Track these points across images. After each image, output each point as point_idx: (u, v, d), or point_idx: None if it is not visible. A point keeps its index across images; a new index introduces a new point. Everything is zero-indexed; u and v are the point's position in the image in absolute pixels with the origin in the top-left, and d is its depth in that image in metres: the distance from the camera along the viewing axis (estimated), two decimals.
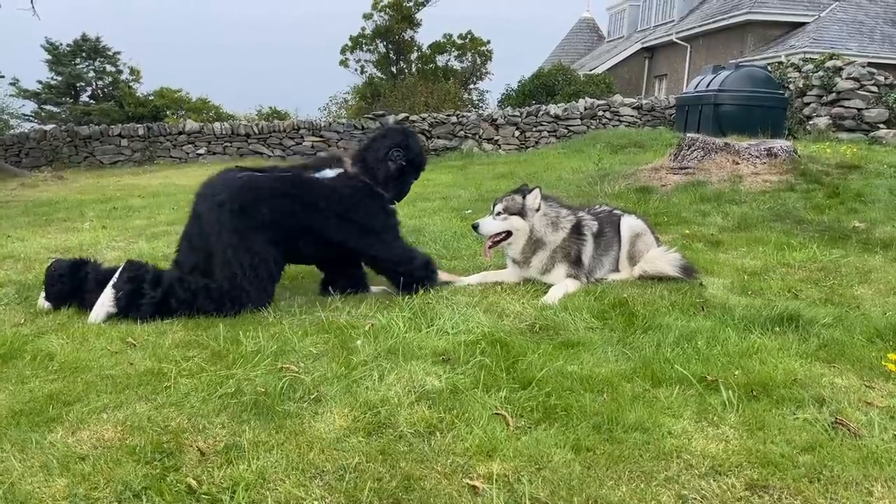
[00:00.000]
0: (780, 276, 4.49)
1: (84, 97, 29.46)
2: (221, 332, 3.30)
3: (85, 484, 2.03)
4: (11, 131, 19.85)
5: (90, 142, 16.47)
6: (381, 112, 17.43)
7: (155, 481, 2.03)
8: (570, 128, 16.02)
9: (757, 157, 7.91)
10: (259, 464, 2.13)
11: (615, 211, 4.72)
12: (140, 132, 16.53)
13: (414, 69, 29.88)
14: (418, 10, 29.50)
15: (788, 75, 14.72)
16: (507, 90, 21.74)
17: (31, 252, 5.60)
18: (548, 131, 16.05)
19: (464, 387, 2.68)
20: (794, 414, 2.48)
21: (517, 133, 16.12)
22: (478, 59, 30.18)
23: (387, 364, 2.89)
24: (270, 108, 27.81)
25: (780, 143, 8.28)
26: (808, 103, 13.93)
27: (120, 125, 17.30)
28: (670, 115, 15.75)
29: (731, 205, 6.76)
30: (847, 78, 13.28)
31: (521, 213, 4.22)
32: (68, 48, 28.50)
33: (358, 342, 3.16)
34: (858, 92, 13.18)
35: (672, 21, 27.64)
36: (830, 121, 13.19)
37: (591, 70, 26.07)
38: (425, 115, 16.86)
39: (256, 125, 16.77)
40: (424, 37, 30.78)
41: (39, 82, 28.14)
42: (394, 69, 30.14)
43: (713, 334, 3.24)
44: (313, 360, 3.00)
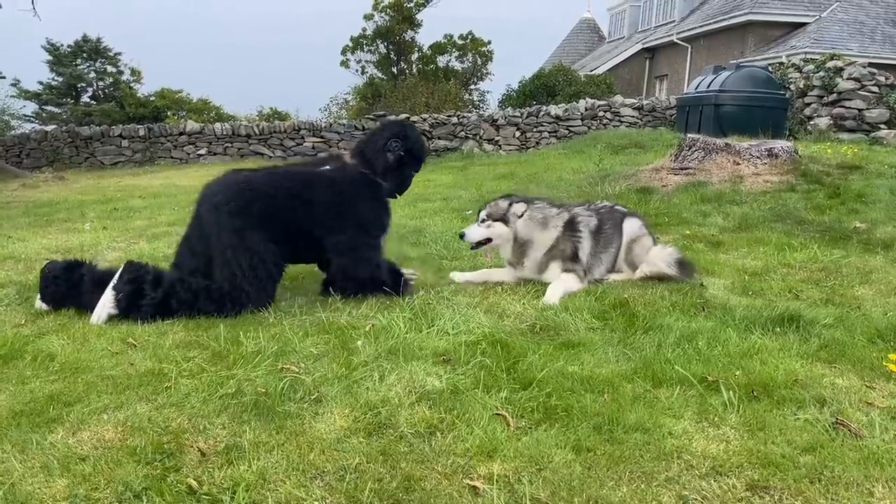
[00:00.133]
0: (780, 276, 4.48)
1: (85, 98, 29.48)
2: (222, 333, 3.30)
3: (85, 484, 2.03)
4: (12, 132, 19.86)
5: (91, 142, 16.50)
6: (382, 112, 17.46)
7: (155, 482, 2.03)
8: (570, 128, 16.02)
9: (758, 157, 7.91)
10: (259, 464, 2.13)
11: (617, 207, 4.70)
12: (141, 133, 16.56)
13: (415, 70, 29.89)
14: (419, 11, 29.52)
15: (789, 76, 14.71)
16: (507, 91, 21.75)
17: (31, 253, 5.60)
18: (548, 132, 16.05)
19: (464, 387, 2.68)
20: (795, 414, 2.48)
21: (518, 133, 16.12)
22: (478, 59, 30.19)
23: (387, 364, 2.89)
24: (271, 108, 27.86)
25: (780, 144, 8.28)
26: (809, 104, 13.92)
27: (121, 126, 17.34)
28: (671, 115, 15.75)
29: (731, 205, 6.76)
30: (848, 78, 13.27)
31: (503, 218, 4.22)
32: (69, 49, 28.52)
33: (358, 343, 3.16)
34: (859, 92, 13.17)
35: (673, 21, 27.65)
36: (831, 121, 13.18)
37: (591, 70, 26.07)
38: (426, 115, 16.88)
39: (257, 126, 16.80)
40: (425, 37, 30.75)
41: (40, 83, 28.20)
42: (394, 70, 30.15)
43: (714, 335, 3.24)
44: (314, 360, 3.00)
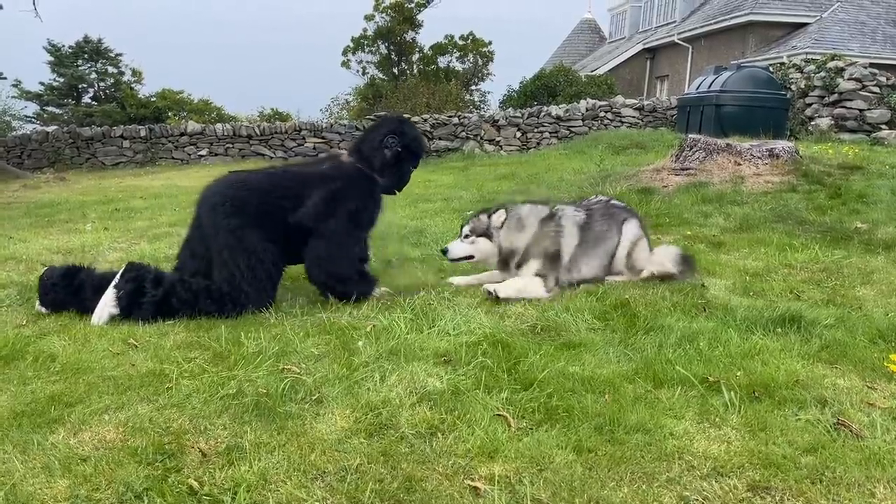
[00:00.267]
0: (781, 276, 4.48)
1: (86, 99, 29.47)
2: (223, 334, 3.31)
3: (86, 485, 2.03)
4: (14, 133, 19.91)
5: (92, 143, 16.52)
6: (383, 113, 17.44)
7: (156, 482, 2.03)
8: (571, 129, 16.02)
9: (759, 157, 7.90)
10: (260, 465, 2.13)
11: (613, 202, 4.59)
12: (142, 133, 16.58)
13: (415, 70, 29.87)
14: (420, 12, 29.50)
15: (790, 76, 14.70)
16: (508, 91, 21.73)
17: (33, 253, 5.60)
18: (549, 132, 16.05)
19: (465, 388, 2.68)
20: (796, 415, 2.48)
21: (519, 134, 16.12)
22: (479, 60, 30.17)
23: (388, 365, 2.89)
24: (272, 109, 27.84)
25: (781, 144, 8.27)
26: (810, 104, 13.91)
27: (122, 126, 17.37)
28: (672, 115, 15.74)
29: (732, 206, 6.75)
30: (849, 79, 13.27)
31: (486, 233, 4.17)
32: (70, 50, 28.51)
33: (359, 343, 3.16)
34: (860, 93, 13.16)
35: (674, 22, 27.65)
36: (832, 121, 13.17)
37: (592, 71, 26.07)
38: (427, 116, 16.89)
39: (258, 126, 16.82)
40: (426, 38, 30.71)
41: (41, 84, 28.18)
42: (395, 70, 30.14)
43: (715, 335, 3.24)
44: (315, 361, 3.00)
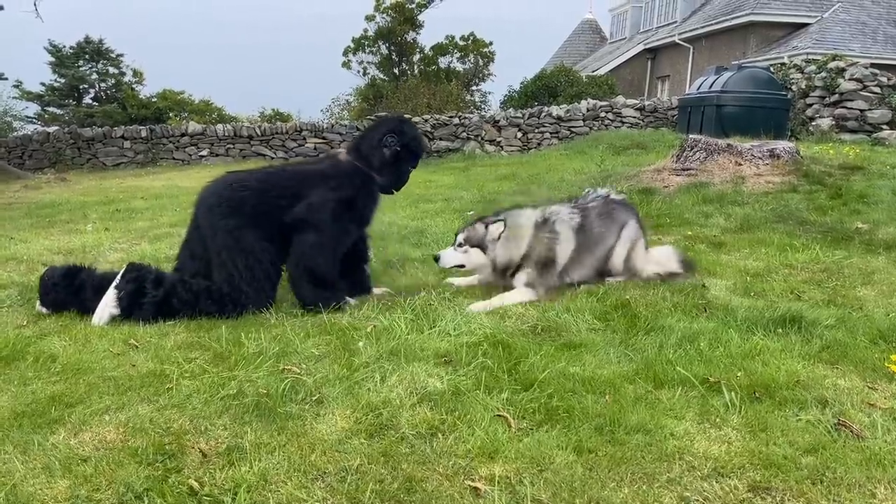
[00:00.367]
0: (782, 277, 4.48)
1: (87, 99, 29.45)
2: (223, 334, 3.31)
3: (87, 485, 2.03)
4: (15, 133, 19.95)
5: (93, 144, 16.54)
6: (384, 114, 17.44)
7: (157, 483, 2.04)
8: (572, 129, 16.02)
9: (759, 158, 7.90)
10: (261, 465, 2.13)
11: (612, 198, 4.45)
12: (143, 134, 16.60)
13: (416, 71, 29.84)
14: (420, 12, 29.47)
15: (791, 76, 14.69)
16: (509, 91, 21.74)
17: (33, 254, 5.60)
18: (550, 132, 16.05)
19: (465, 388, 2.68)
20: (797, 415, 2.48)
21: (519, 134, 16.12)
22: (480, 60, 30.12)
23: (389, 366, 2.90)
24: (273, 109, 27.80)
25: (782, 145, 8.26)
26: (811, 104, 13.90)
27: (123, 127, 17.39)
28: (673, 116, 15.74)
29: (733, 206, 6.75)
30: (850, 79, 13.25)
31: (481, 244, 4.04)
32: (71, 50, 28.51)
33: (360, 344, 3.16)
34: (861, 93, 13.15)
35: (675, 22, 27.65)
36: (833, 122, 13.16)
37: (593, 71, 26.07)
38: (427, 116, 16.89)
39: (259, 127, 16.83)
40: (427, 38, 30.63)
41: (43, 84, 28.16)
42: (396, 71, 30.12)
43: (716, 336, 3.24)
44: (315, 361, 3.00)
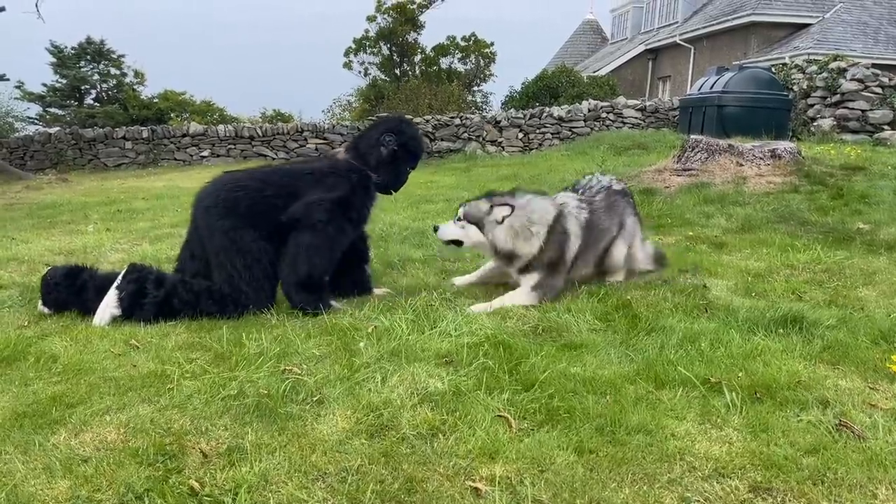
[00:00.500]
0: (783, 277, 4.47)
1: (88, 100, 29.50)
2: (224, 334, 3.31)
3: (87, 486, 2.03)
4: (16, 134, 19.96)
5: (94, 144, 16.57)
6: (385, 114, 17.46)
7: (157, 483, 2.04)
8: (573, 129, 16.01)
9: (761, 158, 7.89)
10: (261, 466, 2.13)
11: (614, 188, 4.34)
12: (144, 135, 16.62)
13: (417, 71, 29.87)
14: (422, 13, 29.51)
15: (792, 77, 14.68)
16: (510, 92, 21.71)
17: (35, 254, 5.61)
18: (551, 133, 16.04)
19: (466, 389, 2.68)
20: (798, 416, 2.47)
21: (521, 135, 16.11)
22: (481, 61, 30.15)
23: (389, 366, 2.89)
24: (274, 110, 27.86)
25: (783, 145, 8.26)
26: (812, 105, 13.89)
27: (124, 128, 17.42)
28: (674, 116, 15.73)
29: (734, 206, 6.74)
30: (851, 79, 13.23)
31: (480, 223, 3.88)
32: (73, 51, 28.55)
33: (361, 344, 3.16)
34: (863, 93, 13.13)
35: (676, 23, 27.64)
36: (834, 122, 13.14)
37: (594, 72, 26.06)
38: (429, 117, 16.89)
39: (260, 128, 16.85)
40: (428, 39, 30.80)
41: (44, 85, 28.22)
42: (397, 71, 30.14)
43: (717, 336, 3.23)
44: (316, 362, 3.00)
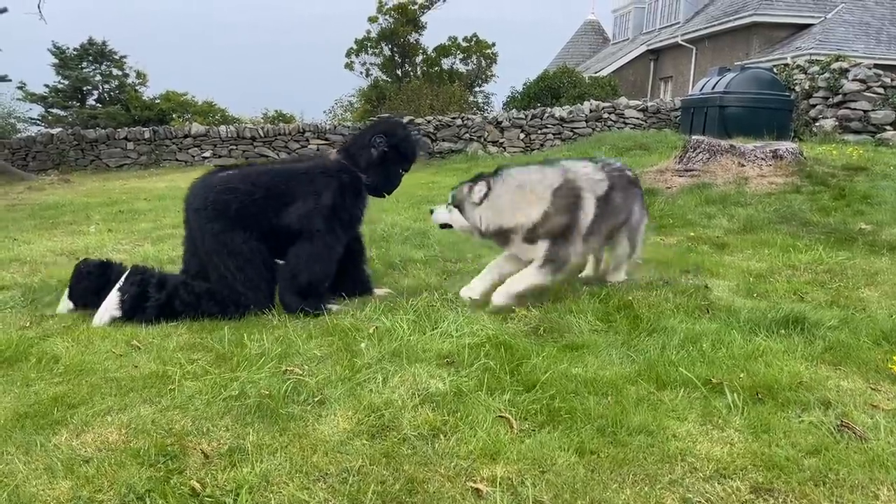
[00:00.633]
0: (785, 278, 4.47)
1: (90, 101, 29.47)
2: (226, 335, 3.31)
3: (89, 486, 2.04)
4: (18, 135, 20.00)
5: (96, 145, 16.59)
6: (387, 115, 17.44)
7: (159, 484, 2.04)
8: (575, 130, 16.00)
9: (762, 159, 7.89)
10: (263, 466, 2.13)
11: (627, 173, 4.19)
12: (146, 135, 16.63)
13: (419, 72, 29.85)
14: (423, 14, 29.48)
15: (794, 77, 14.66)
16: (512, 93, 21.68)
17: (37, 255, 5.62)
18: (553, 134, 16.03)
19: (468, 389, 2.68)
20: (800, 417, 2.47)
21: (522, 135, 16.11)
22: (483, 61, 30.11)
23: (391, 367, 2.90)
24: (276, 111, 27.84)
25: (785, 145, 8.25)
26: (814, 105, 13.87)
27: (126, 129, 17.43)
28: (675, 117, 15.72)
29: (736, 207, 6.74)
30: (853, 79, 13.21)
31: (461, 206, 3.75)
32: (75, 52, 28.55)
33: (362, 345, 3.16)
34: (865, 94, 13.11)
35: (677, 23, 27.61)
36: (836, 122, 13.12)
37: (596, 72, 26.04)
38: (430, 117, 16.89)
39: (262, 128, 16.85)
40: (429, 40, 30.74)
41: (46, 86, 28.16)
42: (399, 72, 30.12)
43: (718, 337, 3.23)
44: (317, 362, 3.00)
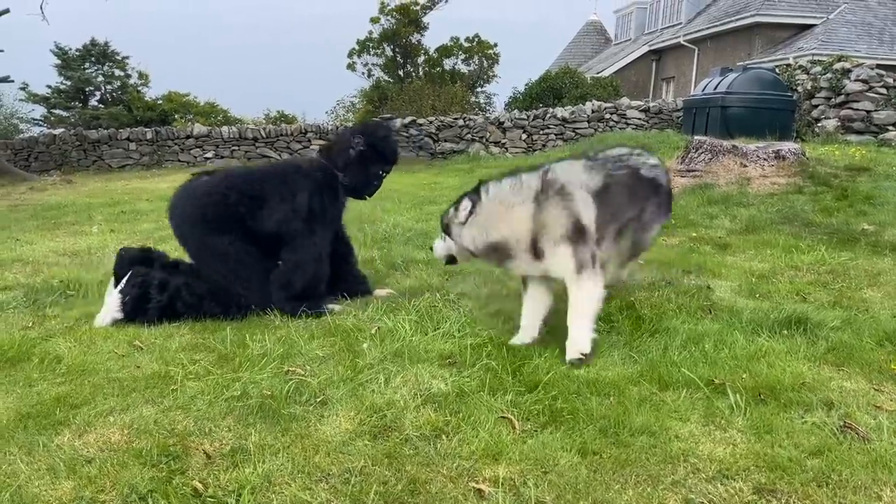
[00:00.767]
0: (788, 278, 4.46)
1: (93, 101, 29.54)
2: (228, 336, 3.32)
3: (91, 487, 2.04)
4: (21, 135, 20.05)
5: (99, 146, 16.60)
6: (388, 115, 17.46)
7: (161, 484, 2.04)
8: (577, 130, 16.00)
9: (765, 159, 7.88)
10: (265, 467, 2.13)
11: (643, 173, 3.52)
12: (148, 136, 16.64)
13: (421, 72, 29.85)
14: (425, 14, 29.50)
15: (796, 77, 14.64)
16: (514, 93, 21.69)
17: (39, 255, 5.63)
18: (555, 134, 16.03)
19: (470, 390, 2.68)
20: (802, 418, 2.47)
21: (524, 136, 16.11)
22: (485, 62, 30.12)
23: (393, 367, 2.90)
24: (278, 112, 27.87)
25: (788, 146, 8.24)
26: (817, 105, 13.85)
27: (128, 129, 17.44)
28: (678, 117, 15.70)
29: (738, 207, 6.73)
30: (855, 80, 13.19)
31: (448, 230, 3.33)
32: (77, 53, 28.61)
33: (364, 345, 3.16)
34: (867, 94, 13.08)
35: (679, 24, 27.58)
36: (839, 123, 13.10)
37: (598, 73, 26.03)
38: (432, 118, 16.88)
39: (264, 129, 16.85)
40: (431, 40, 30.64)
41: (49, 87, 28.24)
42: (401, 73, 30.14)
43: (720, 337, 3.23)
44: (319, 363, 3.00)
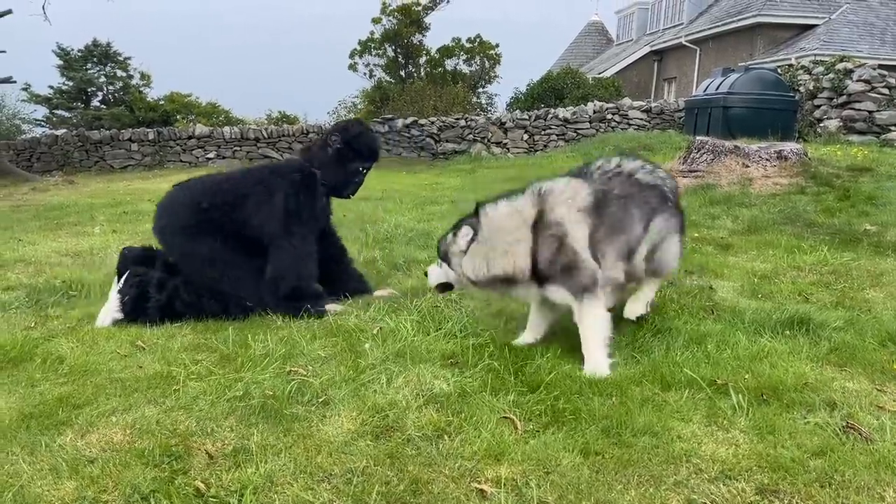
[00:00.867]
0: (790, 279, 4.45)
1: (95, 102, 29.58)
2: (230, 336, 3.32)
3: (94, 487, 2.04)
4: (23, 136, 20.09)
5: (101, 146, 16.64)
6: (390, 116, 17.46)
7: (163, 484, 2.04)
8: (578, 131, 16.01)
9: (767, 159, 7.87)
10: (267, 467, 2.13)
11: (640, 178, 3.24)
12: (150, 137, 16.68)
13: (423, 73, 29.86)
14: (427, 14, 29.50)
15: (798, 78, 14.63)
16: (515, 93, 21.71)
17: (41, 256, 5.63)
18: (556, 134, 16.05)
19: (472, 390, 2.68)
20: (805, 418, 2.46)
21: (526, 136, 16.12)
22: (486, 62, 30.11)
23: (395, 367, 2.89)
24: (280, 112, 27.91)
25: (790, 146, 8.23)
26: (819, 106, 13.84)
27: (130, 130, 17.48)
28: (679, 118, 15.70)
29: (740, 208, 6.72)
30: (858, 80, 13.18)
31: (446, 258, 3.18)
32: (79, 53, 28.65)
33: (366, 345, 3.16)
34: (869, 94, 13.07)
35: (681, 24, 27.56)
36: (841, 123, 13.09)
37: (599, 73, 26.03)
38: (434, 118, 16.91)
39: (266, 129, 16.88)
40: (433, 41, 30.66)
41: (51, 87, 28.29)
42: (402, 73, 30.14)
43: (723, 338, 3.22)
44: (321, 363, 3.00)
